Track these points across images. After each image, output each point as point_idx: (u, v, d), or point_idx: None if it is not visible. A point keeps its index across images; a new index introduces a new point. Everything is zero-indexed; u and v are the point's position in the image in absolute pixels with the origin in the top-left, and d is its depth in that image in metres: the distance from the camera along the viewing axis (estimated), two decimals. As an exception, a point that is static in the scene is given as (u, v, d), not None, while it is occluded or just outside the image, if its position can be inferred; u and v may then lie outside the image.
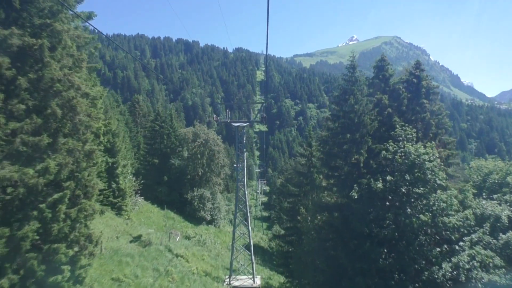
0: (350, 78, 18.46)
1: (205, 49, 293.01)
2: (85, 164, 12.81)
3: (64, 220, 12.10)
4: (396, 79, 19.54)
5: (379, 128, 18.14)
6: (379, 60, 19.50)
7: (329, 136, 18.97)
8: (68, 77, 11.92)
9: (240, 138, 23.24)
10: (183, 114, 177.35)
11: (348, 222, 17.30)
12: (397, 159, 16.50)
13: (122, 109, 55.90)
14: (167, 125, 48.16)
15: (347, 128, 18.14)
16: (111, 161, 22.87)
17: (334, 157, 18.73)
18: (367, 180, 16.88)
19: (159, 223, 41.11)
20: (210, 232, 45.32)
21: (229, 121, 22.85)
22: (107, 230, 20.18)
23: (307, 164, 28.40)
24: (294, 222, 28.34)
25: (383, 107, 18.39)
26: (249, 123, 23.02)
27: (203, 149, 47.30)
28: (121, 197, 23.68)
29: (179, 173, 47.78)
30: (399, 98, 18.69)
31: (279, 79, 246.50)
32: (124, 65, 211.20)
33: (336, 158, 18.58)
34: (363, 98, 18.07)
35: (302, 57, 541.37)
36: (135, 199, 30.77)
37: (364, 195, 16.74)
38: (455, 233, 16.27)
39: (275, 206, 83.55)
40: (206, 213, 46.11)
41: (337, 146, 18.55)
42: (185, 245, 26.96)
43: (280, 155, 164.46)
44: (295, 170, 31.24)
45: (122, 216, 23.78)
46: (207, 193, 46.61)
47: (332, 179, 19.25)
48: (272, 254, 47.54)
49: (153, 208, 44.44)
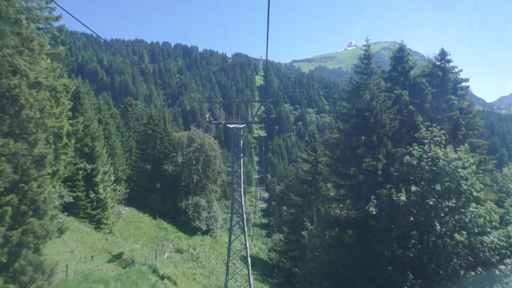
0: (364, 70, 15.77)
1: (204, 54, 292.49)
2: (34, 172, 9.98)
3: (3, 245, 9.26)
4: (417, 72, 16.82)
5: (399, 129, 15.38)
6: (398, 50, 16.82)
7: (340, 138, 16.25)
8: (8, 59, 9.13)
9: (236, 141, 20.47)
10: (181, 119, 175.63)
11: (365, 241, 14.46)
12: (423, 166, 13.71)
13: (113, 112, 53.02)
14: (160, 129, 45.36)
15: (361, 129, 15.39)
16: (90, 167, 20.03)
17: (346, 163, 15.96)
18: (387, 190, 14.07)
19: (150, 234, 38.18)
20: (205, 243, 42.36)
21: (224, 122, 20.09)
22: (80, 249, 17.30)
23: (311, 170, 25.55)
24: (296, 235, 25.43)
25: (403, 104, 15.69)
26: (246, 124, 20.24)
27: (198, 155, 44.49)
28: (100, 208, 20.77)
29: (173, 180, 44.91)
30: (421, 93, 15.98)
31: (278, 84, 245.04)
32: (122, 70, 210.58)
33: (349, 165, 15.81)
34: (380, 93, 15.33)
35: (301, 63, 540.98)
36: (118, 209, 27.76)
37: (384, 210, 13.93)
38: (495, 254, 13.44)
39: (275, 213, 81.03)
40: (202, 222, 43.17)
41: (349, 150, 15.79)
42: (175, 262, 24.01)
43: (280, 161, 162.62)
44: (298, 178, 28.36)
45: (102, 230, 20.91)
46: (203, 201, 43.68)
47: (343, 189, 16.44)
48: (273, 267, 44.52)
49: (144, 218, 41.55)
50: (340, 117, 16.45)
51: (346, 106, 16.08)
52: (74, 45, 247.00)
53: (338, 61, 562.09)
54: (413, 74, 16.76)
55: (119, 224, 28.76)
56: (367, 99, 15.00)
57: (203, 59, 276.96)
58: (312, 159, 25.57)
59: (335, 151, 16.22)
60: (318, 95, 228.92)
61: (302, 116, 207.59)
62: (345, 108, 16.18)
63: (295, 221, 26.36)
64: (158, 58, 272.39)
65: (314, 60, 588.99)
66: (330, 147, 16.92)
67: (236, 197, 21.63)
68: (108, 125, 45.59)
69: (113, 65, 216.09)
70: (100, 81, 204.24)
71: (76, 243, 17.52)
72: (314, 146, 25.81)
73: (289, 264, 26.98)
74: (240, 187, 20.93)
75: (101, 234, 20.18)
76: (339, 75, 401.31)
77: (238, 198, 21.27)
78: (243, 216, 21.51)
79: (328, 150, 17.41)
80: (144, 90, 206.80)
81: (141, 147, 45.59)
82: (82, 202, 19.73)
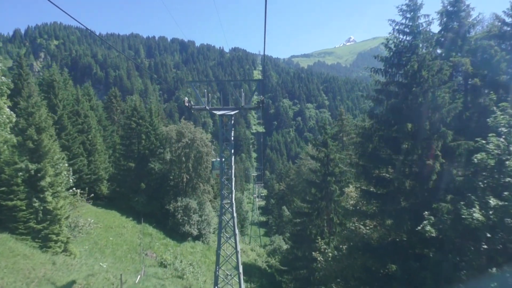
0: (408, 28, 10.75)
1: (201, 48, 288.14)
2: None
3: None
4: (480, 33, 11.82)
5: (461, 113, 10.43)
6: (451, 2, 11.73)
7: (371, 128, 11.23)
8: None
9: (226, 133, 15.56)
10: (177, 114, 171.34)
11: (414, 277, 9.61)
12: (510, 167, 8.85)
13: (94, 103, 47.73)
14: (146, 122, 40.27)
15: (404, 113, 10.44)
16: (33, 167, 15.03)
17: (380, 163, 10.99)
18: (449, 204, 9.19)
19: (132, 242, 33.33)
20: (196, 251, 37.63)
21: (209, 108, 15.20)
22: (8, 281, 12.47)
23: (321, 170, 20.55)
24: (303, 250, 20.55)
25: (465, 76, 10.68)
26: (239, 110, 15.34)
27: (188, 151, 39.53)
28: (48, 221, 15.77)
29: (160, 180, 39.94)
30: (489, 62, 10.98)
31: (277, 78, 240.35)
32: (116, 65, 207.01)
33: (384, 164, 10.85)
34: (433, 61, 10.37)
35: (300, 58, 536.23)
36: (76, 220, 22.64)
37: (447, 232, 9.08)
38: None
39: (273, 211, 77.71)
40: (192, 227, 38.35)
41: (385, 143, 10.84)
42: (153, 285, 19.18)
43: (278, 157, 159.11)
44: (305, 179, 23.30)
45: (51, 249, 15.95)
46: (194, 203, 38.83)
47: (376, 199, 11.48)
48: (273, 277, 39.86)
49: (127, 222, 36.63)
50: (372, 97, 11.44)
51: (381, 81, 11.14)
52: (68, 40, 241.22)
53: (337, 56, 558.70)
54: (474, 35, 11.86)
55: (80, 238, 23.78)
56: (413, 68, 10.11)
57: (200, 54, 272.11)
58: (323, 156, 20.54)
59: (365, 146, 11.32)
60: (317, 90, 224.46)
61: (301, 112, 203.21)
62: (379, 84, 11.24)
63: (301, 233, 21.33)
64: (154, 53, 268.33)
65: (312, 56, 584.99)
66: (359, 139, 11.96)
67: (226, 194, 16.80)
68: (88, 118, 40.57)
69: (107, 59, 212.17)
70: (94, 76, 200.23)
71: (3, 273, 12.69)
72: (325, 139, 20.62)
73: (294, 286, 22.10)
74: (231, 192, 16.06)
75: (47, 255, 15.32)
76: (338, 70, 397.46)
77: (228, 195, 16.43)
78: (233, 215, 16.71)
79: (356, 144, 12.44)
80: (139, 85, 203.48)
81: (125, 143, 40.52)
82: (22, 214, 14.76)
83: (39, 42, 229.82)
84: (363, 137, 11.37)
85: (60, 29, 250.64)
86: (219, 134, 15.60)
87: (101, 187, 40.94)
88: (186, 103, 15.27)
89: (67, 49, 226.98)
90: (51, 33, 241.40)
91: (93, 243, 29.31)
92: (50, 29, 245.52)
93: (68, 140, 36.43)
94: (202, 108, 15.50)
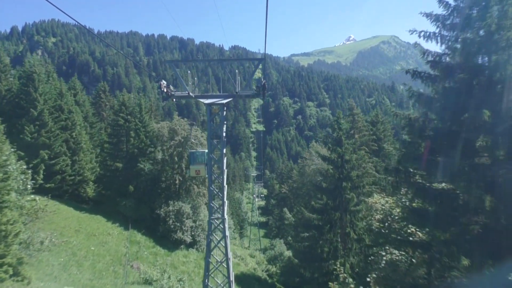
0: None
1: (200, 46, 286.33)
2: None
3: None
4: None
5: None
6: None
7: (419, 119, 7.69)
8: None
9: (216, 127, 12.06)
10: (176, 113, 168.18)
11: None
12: None
13: (80, 98, 44.10)
14: (135, 119, 36.77)
15: (475, 96, 6.92)
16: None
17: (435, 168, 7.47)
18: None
19: (117, 251, 30.01)
20: (190, 260, 34.26)
21: (194, 95, 11.73)
22: None
23: (335, 174, 16.96)
24: (312, 270, 16.97)
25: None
26: (232, 98, 11.89)
27: (182, 150, 36.17)
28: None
29: (150, 181, 36.50)
30: None
31: (277, 77, 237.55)
32: (114, 62, 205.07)
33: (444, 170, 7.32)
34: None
35: (300, 57, 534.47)
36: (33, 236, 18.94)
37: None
38: None
39: (274, 211, 75.33)
40: (186, 233, 35.02)
41: (445, 140, 7.32)
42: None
43: (278, 156, 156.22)
44: (314, 184, 19.76)
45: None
46: (187, 208, 35.49)
47: (425, 220, 7.93)
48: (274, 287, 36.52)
49: (113, 229, 33.27)
50: (422, 74, 7.83)
51: (436, 52, 7.59)
52: (65, 37, 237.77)
53: (337, 55, 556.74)
54: None
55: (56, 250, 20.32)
56: (489, 28, 6.64)
57: (200, 52, 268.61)
58: (336, 157, 16.97)
59: (411, 144, 7.83)
60: (318, 88, 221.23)
61: (301, 110, 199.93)
62: (429, 55, 7.71)
63: (310, 250, 17.76)
64: (153, 51, 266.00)
65: (312, 54, 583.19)
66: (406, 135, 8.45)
67: (215, 192, 13.34)
68: (72, 113, 37.08)
69: (105, 57, 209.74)
70: (92, 73, 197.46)
71: None
72: (339, 137, 16.95)
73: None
74: (222, 187, 12.57)
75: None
76: (338, 69, 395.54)
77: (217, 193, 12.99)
78: (224, 217, 13.31)
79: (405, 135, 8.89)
80: (137, 82, 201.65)
81: (112, 141, 37.06)
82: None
83: (37, 39, 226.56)
84: (410, 133, 7.91)
85: (58, 27, 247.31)
86: (207, 128, 12.16)
87: (87, 189, 37.56)
88: (164, 88, 11.79)
89: (64, 46, 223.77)
90: (48, 30, 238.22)
91: (70, 254, 25.90)
92: (48, 26, 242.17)
93: (49, 137, 33.19)
94: (185, 95, 12.05)
